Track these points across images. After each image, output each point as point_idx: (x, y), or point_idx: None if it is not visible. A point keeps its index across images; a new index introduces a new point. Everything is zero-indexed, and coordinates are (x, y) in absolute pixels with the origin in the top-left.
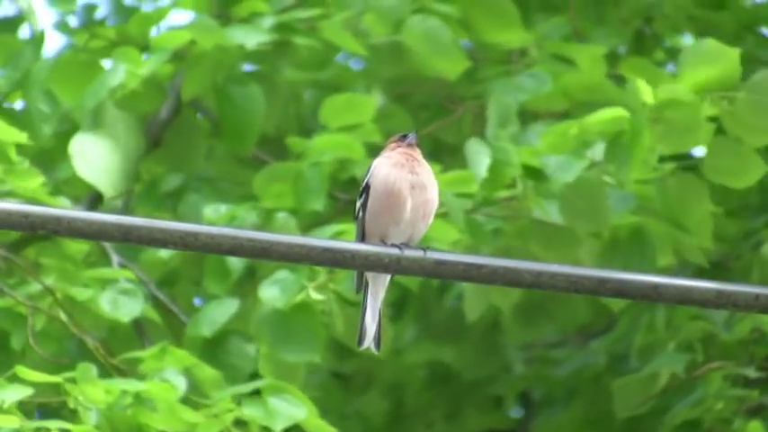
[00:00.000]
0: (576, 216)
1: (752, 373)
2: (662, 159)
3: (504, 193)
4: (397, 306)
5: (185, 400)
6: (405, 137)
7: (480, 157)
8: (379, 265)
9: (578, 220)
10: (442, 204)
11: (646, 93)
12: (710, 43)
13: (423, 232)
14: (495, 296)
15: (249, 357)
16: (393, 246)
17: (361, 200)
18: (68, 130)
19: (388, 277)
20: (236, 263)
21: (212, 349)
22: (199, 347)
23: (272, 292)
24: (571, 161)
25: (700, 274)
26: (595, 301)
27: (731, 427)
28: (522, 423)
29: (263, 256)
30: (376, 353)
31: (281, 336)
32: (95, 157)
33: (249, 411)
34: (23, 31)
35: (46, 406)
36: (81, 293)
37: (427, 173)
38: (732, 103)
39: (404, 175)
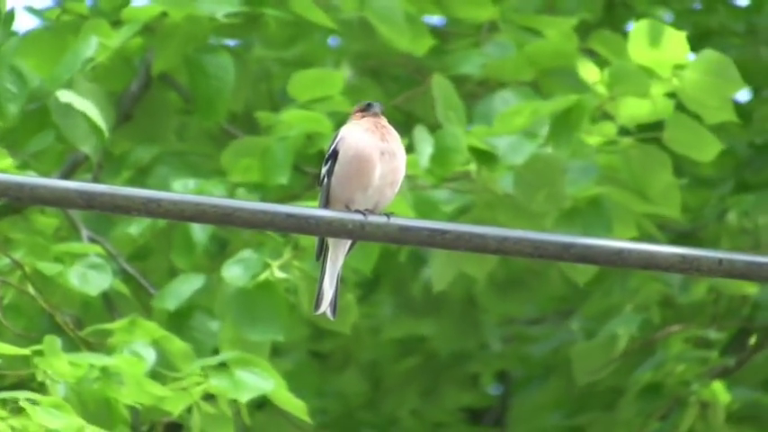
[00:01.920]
0: (530, 193)
1: (712, 334)
2: (626, 132)
3: (462, 169)
4: (373, 282)
5: (154, 374)
6: (369, 105)
7: (423, 146)
8: (342, 230)
9: (533, 195)
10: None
11: (592, 73)
12: (657, 24)
13: (389, 200)
14: (468, 265)
15: (212, 334)
16: (357, 212)
17: (327, 166)
18: (36, 109)
19: (348, 243)
20: (200, 236)
21: (177, 324)
22: (165, 322)
23: (235, 271)
24: (523, 142)
25: (669, 243)
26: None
27: (693, 389)
28: (499, 400)
29: (227, 223)
30: (331, 319)
31: (244, 315)
32: (78, 123)
33: (216, 383)
34: None
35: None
36: (50, 268)
37: (396, 141)
38: (682, 81)
39: (374, 142)
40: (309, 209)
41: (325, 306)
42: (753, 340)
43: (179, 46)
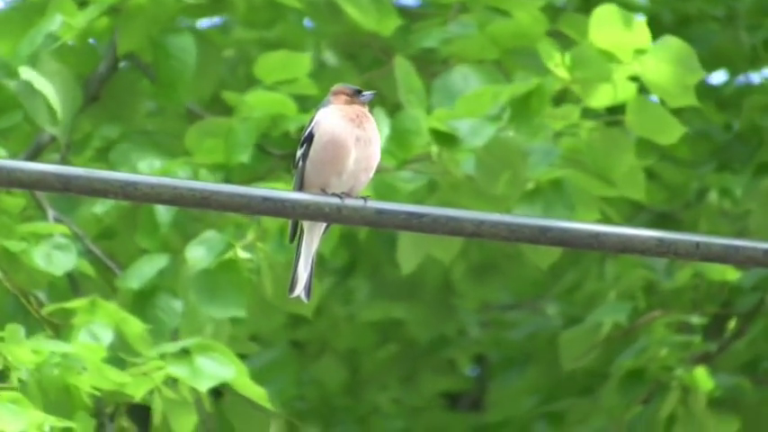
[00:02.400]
0: (491, 176)
1: (695, 319)
2: (589, 115)
3: (424, 151)
4: (348, 268)
5: (114, 358)
6: (359, 92)
7: (381, 126)
8: (319, 214)
9: (493, 179)
10: None
11: (552, 55)
12: (617, 10)
13: (364, 185)
14: (435, 248)
15: (175, 313)
16: (334, 195)
17: (302, 149)
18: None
19: (323, 226)
20: (164, 216)
21: (141, 303)
22: (129, 302)
23: (199, 252)
24: (484, 125)
25: (648, 225)
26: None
27: (675, 375)
28: (476, 384)
29: (204, 206)
30: (306, 302)
31: (205, 292)
32: (39, 101)
33: (175, 370)
34: None
35: None
36: (14, 246)
37: (373, 128)
38: (643, 67)
39: (350, 128)
40: (286, 192)
41: (299, 289)
42: (732, 325)
43: (144, 27)
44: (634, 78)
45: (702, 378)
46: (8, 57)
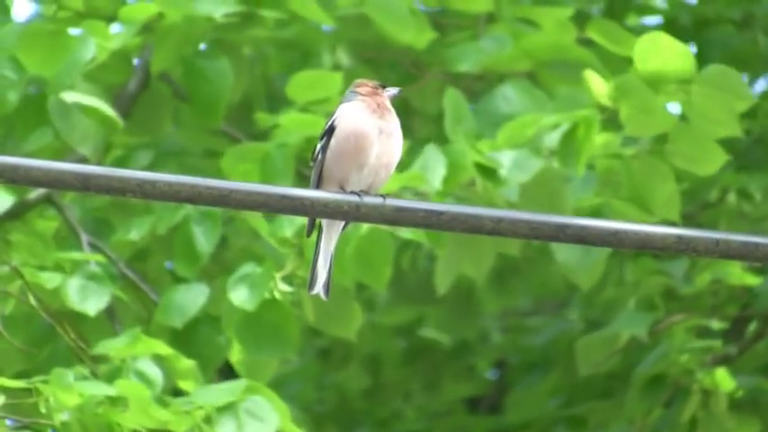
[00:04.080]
0: (534, 206)
1: (714, 323)
2: (628, 141)
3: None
4: None
5: (157, 397)
6: (384, 87)
7: (435, 165)
8: (338, 212)
9: (536, 209)
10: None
11: (598, 85)
12: (663, 37)
13: (383, 182)
14: (467, 266)
15: (220, 346)
16: (353, 193)
17: (322, 142)
18: (34, 96)
19: (342, 224)
20: (204, 246)
21: (182, 337)
22: (168, 334)
23: (241, 293)
24: (527, 158)
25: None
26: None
27: (696, 378)
28: (496, 387)
29: (222, 204)
30: (324, 299)
31: (252, 335)
32: (77, 124)
33: (221, 423)
34: None
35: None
36: (49, 280)
37: (395, 122)
38: (688, 95)
39: (373, 120)
40: (304, 190)
41: (318, 287)
42: (752, 327)
43: (176, 46)
44: (675, 107)
45: (723, 380)
46: (38, 72)
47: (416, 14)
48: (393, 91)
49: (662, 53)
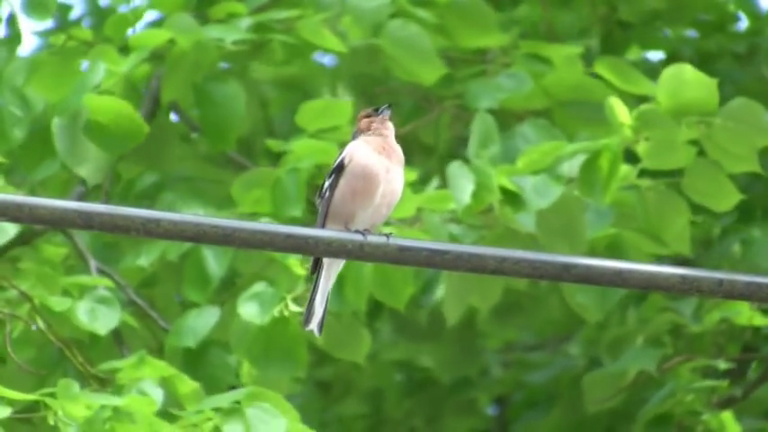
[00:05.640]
0: (552, 235)
1: (721, 364)
2: (643, 173)
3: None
4: (374, 309)
5: (164, 412)
6: (377, 110)
7: (463, 182)
8: (342, 251)
9: (555, 238)
10: (418, 218)
11: (622, 113)
12: (688, 69)
13: (384, 220)
14: (474, 298)
15: (230, 368)
16: (356, 232)
17: (330, 180)
18: (40, 131)
19: (342, 262)
20: (215, 270)
21: (193, 359)
22: (179, 357)
23: (251, 308)
24: (548, 184)
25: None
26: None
27: (701, 419)
28: (498, 423)
29: (227, 243)
30: (317, 335)
31: (262, 352)
32: (79, 147)
33: (227, 427)
34: None
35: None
36: (59, 303)
37: (400, 161)
38: (709, 128)
39: (381, 160)
40: (309, 229)
41: (313, 324)
42: (755, 369)
43: (187, 73)
44: (694, 141)
45: (729, 423)
46: (48, 102)
47: (433, 50)
48: (385, 110)
49: (686, 85)
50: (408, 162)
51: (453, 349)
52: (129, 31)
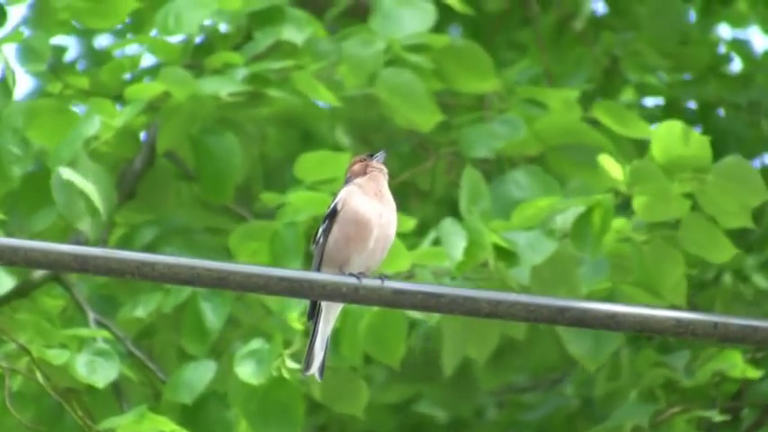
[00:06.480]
0: (546, 288)
1: (715, 416)
2: (637, 225)
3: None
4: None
5: None
6: (371, 156)
7: (455, 239)
8: (337, 294)
9: (549, 291)
10: (413, 273)
11: (614, 170)
12: (681, 126)
13: (379, 263)
14: (471, 347)
15: (228, 423)
16: (351, 275)
17: (324, 225)
18: (38, 172)
19: (341, 306)
20: (213, 323)
21: (191, 414)
22: (177, 411)
23: (248, 367)
24: (542, 239)
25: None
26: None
27: None
28: None
29: (221, 286)
30: (319, 380)
31: (259, 410)
32: (77, 202)
33: None
34: None
35: None
36: (57, 356)
37: (392, 206)
38: (702, 184)
39: (374, 205)
40: (303, 272)
41: (314, 368)
42: (748, 416)
43: (183, 125)
44: (689, 195)
45: None
46: (43, 146)
47: (429, 97)
48: (380, 156)
49: (679, 142)
50: (405, 208)
51: (448, 390)
52: (126, 76)
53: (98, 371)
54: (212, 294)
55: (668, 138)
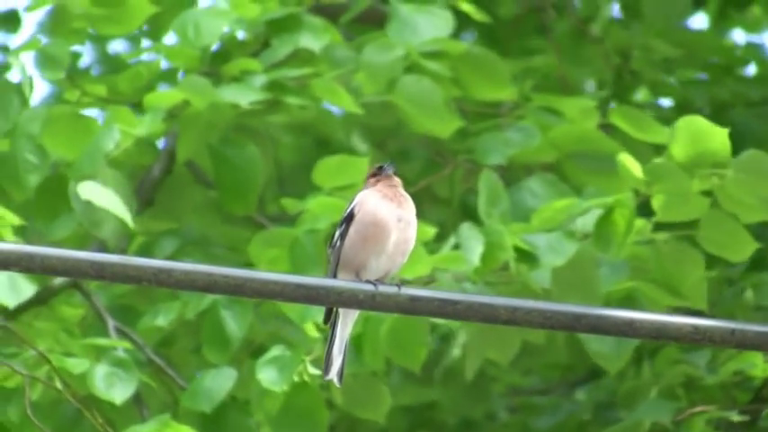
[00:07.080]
0: (567, 290)
1: (735, 416)
2: (658, 226)
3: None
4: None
5: None
6: (381, 168)
7: (473, 243)
8: (353, 301)
9: (569, 293)
10: (433, 278)
11: (635, 168)
12: (700, 121)
13: (399, 268)
14: (492, 351)
15: (249, 430)
16: (368, 282)
17: (341, 229)
18: (56, 177)
19: (358, 311)
20: (235, 331)
21: (211, 422)
22: (196, 418)
23: (270, 374)
24: (562, 241)
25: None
26: (578, 345)
27: None
28: None
29: (238, 293)
30: (338, 386)
31: (282, 416)
32: (97, 211)
33: None
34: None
35: None
36: (76, 366)
37: (411, 210)
38: (722, 180)
39: (391, 208)
40: (320, 279)
41: (333, 374)
42: (766, 417)
43: (202, 133)
44: (708, 192)
45: None
46: (61, 156)
47: (448, 104)
48: (388, 169)
49: (699, 136)
50: (424, 215)
51: (461, 393)
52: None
53: (116, 385)
54: (232, 302)
55: (687, 133)
